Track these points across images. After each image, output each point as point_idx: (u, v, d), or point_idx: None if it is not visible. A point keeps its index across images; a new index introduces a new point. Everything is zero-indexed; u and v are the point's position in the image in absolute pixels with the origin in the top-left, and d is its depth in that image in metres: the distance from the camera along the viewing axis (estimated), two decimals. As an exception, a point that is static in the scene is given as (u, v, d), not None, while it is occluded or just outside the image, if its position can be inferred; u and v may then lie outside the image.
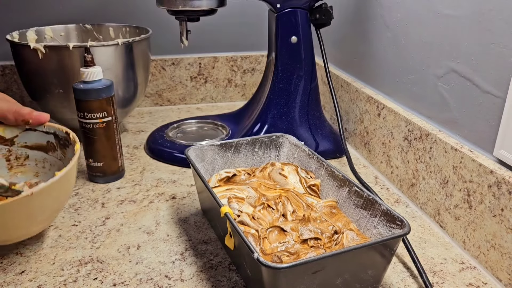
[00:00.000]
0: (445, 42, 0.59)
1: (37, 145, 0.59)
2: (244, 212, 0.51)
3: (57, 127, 0.57)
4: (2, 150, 0.58)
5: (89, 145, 0.67)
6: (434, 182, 0.60)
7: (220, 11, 0.76)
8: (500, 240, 0.49)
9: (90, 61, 0.64)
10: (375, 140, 0.75)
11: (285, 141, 0.66)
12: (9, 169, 0.59)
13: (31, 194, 0.44)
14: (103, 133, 0.66)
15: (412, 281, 0.50)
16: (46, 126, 0.58)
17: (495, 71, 0.51)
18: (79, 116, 0.65)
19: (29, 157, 0.59)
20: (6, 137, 0.58)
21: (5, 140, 0.58)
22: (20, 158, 0.59)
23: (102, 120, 0.65)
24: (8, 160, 0.59)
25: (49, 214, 0.49)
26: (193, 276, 0.50)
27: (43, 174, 0.59)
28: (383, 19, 0.73)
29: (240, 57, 1.06)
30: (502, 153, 0.50)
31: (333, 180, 0.57)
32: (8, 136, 0.58)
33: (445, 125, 0.60)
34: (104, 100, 0.64)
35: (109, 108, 0.65)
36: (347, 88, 0.84)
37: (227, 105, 1.08)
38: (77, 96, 0.64)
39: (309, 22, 0.76)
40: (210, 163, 0.62)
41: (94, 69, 0.64)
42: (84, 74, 0.64)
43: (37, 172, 0.59)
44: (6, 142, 0.58)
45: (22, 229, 0.47)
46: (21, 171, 0.59)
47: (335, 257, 0.41)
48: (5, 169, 0.59)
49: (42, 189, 0.45)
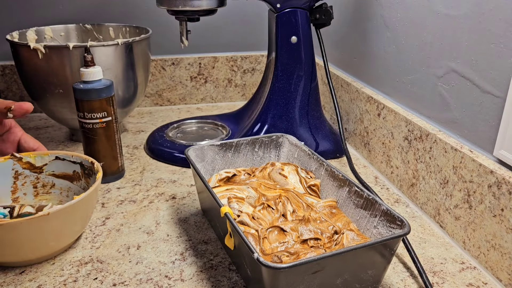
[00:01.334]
0: (445, 42, 0.59)
1: (63, 174, 0.60)
2: (244, 212, 0.51)
3: (83, 157, 0.58)
4: (31, 177, 0.60)
5: (89, 145, 0.67)
6: (434, 182, 0.60)
7: (220, 11, 0.76)
8: (500, 240, 0.49)
9: (90, 61, 0.64)
10: (375, 140, 0.75)
11: (285, 141, 0.66)
12: (35, 196, 0.60)
13: (48, 214, 0.46)
14: (103, 133, 0.66)
15: (412, 281, 0.50)
16: (74, 156, 0.59)
17: (495, 71, 0.51)
18: (79, 116, 0.65)
19: (55, 185, 0.60)
20: (36, 165, 0.59)
21: (35, 168, 0.60)
22: (46, 186, 0.60)
23: (102, 120, 0.65)
24: (35, 187, 0.60)
25: (65, 236, 0.51)
26: (193, 276, 0.50)
27: (66, 202, 0.59)
28: (383, 19, 0.73)
29: (240, 57, 1.06)
30: (502, 153, 0.50)
31: (333, 180, 0.57)
32: (38, 164, 0.59)
33: (445, 125, 0.60)
34: (104, 100, 0.64)
35: (109, 108, 0.65)
36: (347, 88, 0.84)
37: (227, 105, 1.08)
38: (77, 96, 0.64)
39: (309, 22, 0.76)
40: (210, 163, 0.62)
41: (94, 69, 0.64)
42: (84, 74, 0.64)
43: (60, 201, 0.60)
44: (36, 170, 0.60)
45: (36, 249, 0.49)
46: (46, 198, 0.60)
47: (335, 257, 0.41)
48: (31, 195, 0.60)
49: (59, 210, 0.47)
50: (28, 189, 0.60)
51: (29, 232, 0.46)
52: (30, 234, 0.47)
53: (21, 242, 0.47)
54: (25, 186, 0.60)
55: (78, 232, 0.53)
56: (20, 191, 0.59)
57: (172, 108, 1.04)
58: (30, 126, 0.92)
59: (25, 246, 0.47)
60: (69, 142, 0.84)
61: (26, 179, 0.59)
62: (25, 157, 0.59)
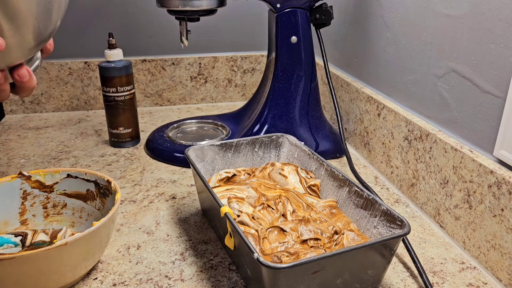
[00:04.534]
0: (445, 42, 0.59)
1: (76, 193, 0.56)
2: (244, 212, 0.51)
3: (98, 175, 0.54)
4: (41, 196, 0.56)
5: (119, 116, 0.79)
6: (434, 182, 0.60)
7: (220, 11, 0.76)
8: (500, 240, 0.49)
9: (114, 44, 0.77)
10: (375, 140, 0.75)
11: (285, 141, 0.66)
12: (44, 217, 0.56)
13: (66, 244, 0.42)
14: (131, 102, 0.80)
15: (412, 281, 0.50)
16: (88, 174, 0.55)
17: (495, 71, 0.51)
18: (111, 91, 0.77)
19: (67, 205, 0.56)
20: (46, 183, 0.56)
21: (45, 187, 0.56)
22: (57, 206, 0.56)
23: (130, 92, 0.79)
24: (45, 207, 0.56)
25: (83, 267, 0.46)
26: (193, 276, 0.50)
27: (79, 224, 0.56)
28: (383, 19, 0.73)
29: (240, 57, 1.06)
30: (502, 153, 0.50)
31: (333, 180, 0.57)
32: (48, 183, 0.56)
33: (445, 125, 0.60)
34: (131, 75, 0.78)
35: (133, 81, 0.80)
36: (347, 88, 0.84)
37: (227, 105, 1.08)
38: (109, 73, 0.76)
39: (309, 22, 0.76)
40: (210, 163, 0.62)
41: (118, 50, 0.77)
42: (112, 55, 0.76)
43: (73, 222, 0.56)
44: (46, 189, 0.56)
45: (53, 279, 0.44)
46: (57, 220, 0.56)
47: (335, 257, 0.41)
48: (41, 217, 0.56)
49: (78, 239, 0.43)
50: (38, 210, 0.56)
51: (45, 264, 0.42)
52: (46, 266, 0.42)
53: (35, 275, 0.42)
54: (34, 207, 0.55)
55: (96, 260, 0.48)
56: (29, 213, 0.55)
57: (172, 108, 1.04)
58: (30, 126, 0.92)
59: (40, 279, 0.43)
60: (69, 142, 0.84)
61: (35, 199, 0.55)
62: (34, 175, 0.55)
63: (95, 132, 0.90)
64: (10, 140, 0.85)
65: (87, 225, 0.55)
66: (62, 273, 0.44)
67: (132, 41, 1.00)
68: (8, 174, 0.72)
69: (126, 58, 0.95)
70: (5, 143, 0.84)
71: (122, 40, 0.99)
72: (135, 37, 1.00)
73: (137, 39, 1.00)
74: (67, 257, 0.43)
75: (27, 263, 0.40)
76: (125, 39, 0.99)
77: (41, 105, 0.99)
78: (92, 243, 0.45)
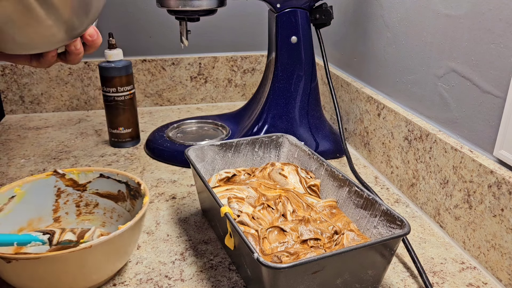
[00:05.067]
0: (445, 42, 0.59)
1: (108, 193, 0.56)
2: (244, 212, 0.51)
3: (129, 176, 0.54)
4: (74, 195, 0.56)
5: (119, 116, 0.79)
6: (434, 182, 0.60)
7: (220, 11, 0.76)
8: (500, 240, 0.49)
9: (114, 44, 0.77)
10: (375, 140, 0.75)
11: (285, 141, 0.66)
12: (77, 216, 0.56)
13: (90, 246, 0.42)
14: (131, 102, 0.80)
15: (412, 281, 0.50)
16: (119, 175, 0.55)
17: (495, 71, 0.51)
18: (111, 91, 0.77)
19: (99, 205, 0.57)
20: (79, 182, 0.56)
21: (78, 185, 0.56)
22: (89, 205, 0.57)
23: (130, 92, 0.79)
24: (78, 206, 0.56)
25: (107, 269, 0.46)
26: (193, 276, 0.50)
27: (109, 224, 0.56)
28: (383, 19, 0.73)
29: (240, 57, 1.06)
30: (502, 153, 0.50)
31: (333, 180, 0.57)
32: (81, 181, 0.56)
33: (445, 125, 0.60)
34: (130, 75, 0.78)
35: (133, 81, 0.79)
36: (347, 88, 0.84)
37: (227, 105, 1.08)
38: (109, 73, 0.76)
39: (309, 22, 0.76)
40: (210, 163, 0.62)
41: (118, 51, 0.77)
42: (112, 55, 0.76)
43: (104, 222, 0.57)
44: (79, 187, 0.56)
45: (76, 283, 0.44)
46: (88, 219, 0.57)
47: (335, 257, 0.41)
48: (73, 215, 0.56)
49: (103, 242, 0.43)
50: (71, 208, 0.56)
51: (69, 265, 0.42)
52: (70, 268, 0.42)
53: (60, 275, 0.43)
54: (68, 205, 0.56)
55: (122, 263, 0.48)
56: (62, 210, 0.56)
57: (172, 108, 1.04)
58: (30, 126, 0.92)
59: (65, 279, 0.43)
60: (69, 142, 0.84)
61: (69, 197, 0.56)
62: (68, 173, 0.55)
63: (95, 132, 0.90)
64: (10, 140, 0.85)
65: (117, 226, 0.55)
66: (87, 275, 0.44)
67: (132, 41, 1.00)
68: (8, 174, 0.72)
69: (126, 58, 0.95)
70: (5, 143, 0.84)
71: (122, 40, 0.99)
72: (135, 37, 1.00)
73: (137, 39, 1.00)
74: (91, 259, 0.43)
75: (52, 263, 0.41)
76: (125, 39, 0.99)
77: (41, 105, 0.99)
78: (117, 246, 0.45)
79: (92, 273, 0.44)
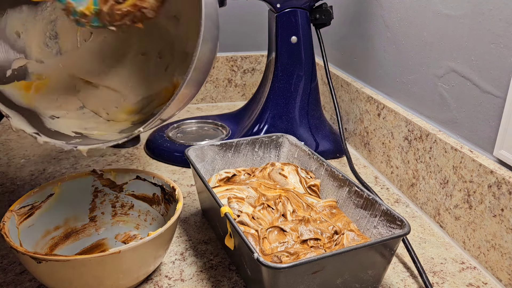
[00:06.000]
0: (445, 42, 0.59)
1: (143, 195, 0.56)
2: (244, 212, 0.51)
3: (165, 180, 0.54)
4: (110, 195, 0.56)
5: None
6: (434, 182, 0.60)
7: (220, 11, 0.76)
8: (500, 240, 0.49)
9: None
10: (375, 140, 0.75)
11: (285, 141, 0.66)
12: (112, 216, 0.57)
13: (119, 252, 0.42)
14: None
15: (412, 281, 0.50)
16: (155, 178, 0.55)
17: (495, 71, 0.51)
18: None
19: (134, 206, 0.57)
20: (116, 183, 0.56)
21: (115, 186, 0.56)
22: (125, 206, 0.57)
23: None
24: (114, 206, 0.57)
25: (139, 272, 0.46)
26: (193, 276, 0.50)
27: (143, 227, 0.56)
28: (383, 19, 0.73)
29: (240, 57, 1.06)
30: (502, 153, 0.50)
31: (333, 180, 0.57)
32: (118, 182, 0.56)
33: (445, 125, 0.60)
34: None
35: None
36: (347, 88, 0.84)
37: (227, 105, 1.08)
38: None
39: (309, 22, 0.76)
40: (210, 163, 0.62)
41: None
42: None
43: (138, 224, 0.56)
44: (116, 188, 0.56)
45: (107, 284, 0.44)
46: (123, 220, 0.57)
47: (335, 257, 0.41)
48: (109, 215, 0.56)
49: (131, 248, 0.42)
50: (107, 208, 0.56)
51: (99, 269, 0.42)
52: (99, 272, 0.42)
53: (89, 278, 0.43)
54: (104, 205, 0.56)
55: (153, 268, 0.48)
56: (98, 210, 0.56)
57: (172, 108, 1.04)
58: (30, 126, 0.92)
59: (94, 283, 0.43)
60: (69, 142, 0.84)
61: (105, 197, 0.56)
62: (106, 173, 0.56)
63: (95, 132, 0.90)
64: (10, 140, 0.85)
65: (150, 229, 0.55)
66: (116, 279, 0.44)
67: (132, 41, 1.00)
68: (8, 174, 0.72)
69: (126, 58, 0.95)
70: (5, 143, 0.84)
71: (122, 40, 0.99)
72: (135, 37, 1.00)
73: (137, 39, 1.00)
74: (120, 264, 0.43)
75: (80, 266, 0.41)
76: (125, 39, 0.99)
77: (41, 105, 0.99)
78: (147, 252, 0.44)
79: (120, 278, 0.44)
